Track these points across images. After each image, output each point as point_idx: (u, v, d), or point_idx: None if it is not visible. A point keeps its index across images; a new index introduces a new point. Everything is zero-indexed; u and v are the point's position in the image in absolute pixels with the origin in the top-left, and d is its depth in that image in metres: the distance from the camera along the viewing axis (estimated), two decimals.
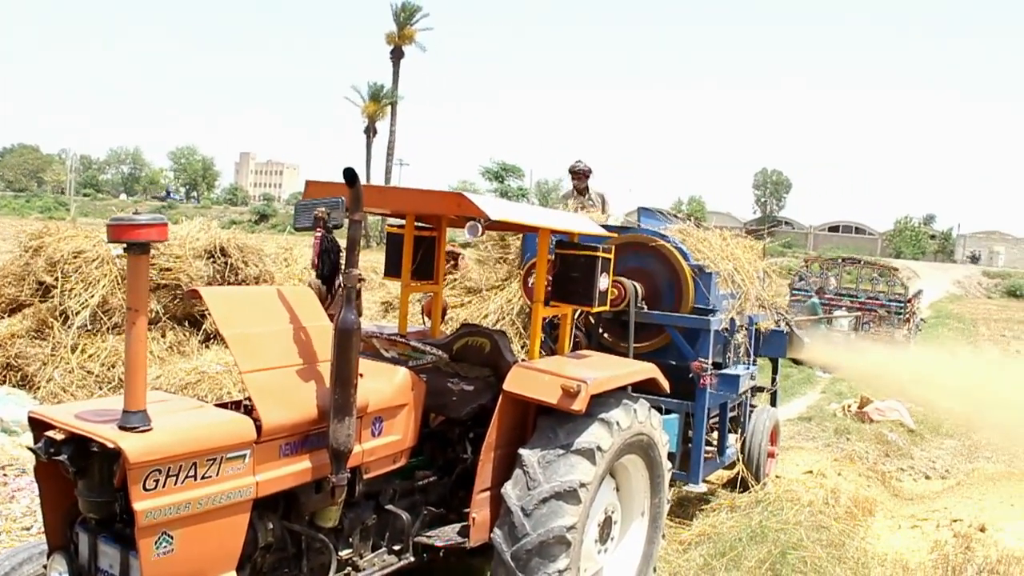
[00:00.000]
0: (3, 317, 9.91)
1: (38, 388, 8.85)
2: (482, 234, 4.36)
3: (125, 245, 3.15)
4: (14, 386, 9.08)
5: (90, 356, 9.19)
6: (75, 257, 9.82)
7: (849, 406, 12.75)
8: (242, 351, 3.72)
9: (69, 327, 9.33)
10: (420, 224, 5.52)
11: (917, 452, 11.23)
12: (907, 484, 9.93)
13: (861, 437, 11.01)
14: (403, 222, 5.46)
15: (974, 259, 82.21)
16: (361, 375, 3.83)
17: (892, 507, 8.84)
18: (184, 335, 9.92)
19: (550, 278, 5.01)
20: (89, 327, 9.40)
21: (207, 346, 9.90)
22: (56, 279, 9.67)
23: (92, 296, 9.55)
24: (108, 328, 9.51)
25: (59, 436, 3.29)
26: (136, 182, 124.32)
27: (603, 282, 4.95)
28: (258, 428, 3.60)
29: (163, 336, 9.67)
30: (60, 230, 10.55)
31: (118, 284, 9.69)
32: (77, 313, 9.37)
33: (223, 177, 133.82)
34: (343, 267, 3.80)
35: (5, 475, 6.96)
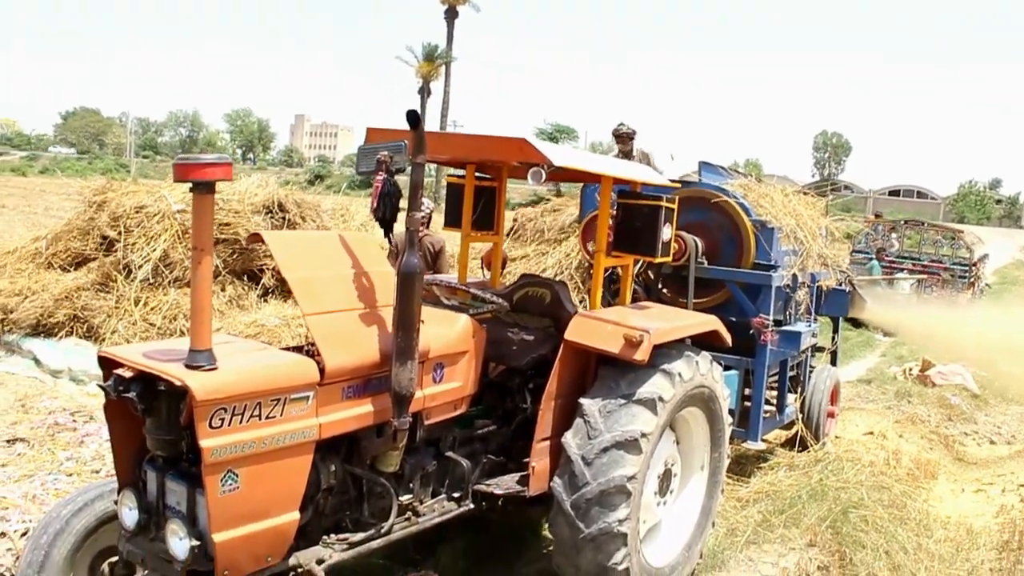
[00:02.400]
0: (69, 270, 10.13)
1: (103, 339, 9.03)
2: (545, 181, 4.29)
3: (191, 185, 3.16)
4: (81, 337, 9.30)
5: (152, 309, 9.34)
6: (137, 212, 9.95)
7: (910, 369, 12.49)
8: (305, 294, 3.73)
9: (132, 280, 9.48)
10: (480, 175, 5.48)
11: (981, 417, 10.95)
12: (971, 449, 9.71)
13: (923, 400, 10.78)
14: (463, 173, 5.42)
15: None
16: (422, 321, 3.82)
17: (955, 471, 8.66)
18: (243, 289, 10.03)
19: (612, 229, 4.94)
20: (151, 280, 9.55)
21: (266, 300, 10.02)
22: (119, 233, 9.82)
23: (154, 250, 9.69)
24: (169, 282, 9.65)
25: (128, 374, 3.33)
26: (194, 144, 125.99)
27: (666, 232, 4.87)
28: (321, 370, 3.62)
29: (223, 290, 9.78)
30: (122, 186, 10.73)
31: (179, 239, 9.82)
32: (139, 267, 9.51)
33: (278, 139, 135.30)
34: (405, 210, 3.77)
35: (75, 421, 7.15)
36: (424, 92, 62.97)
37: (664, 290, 7.09)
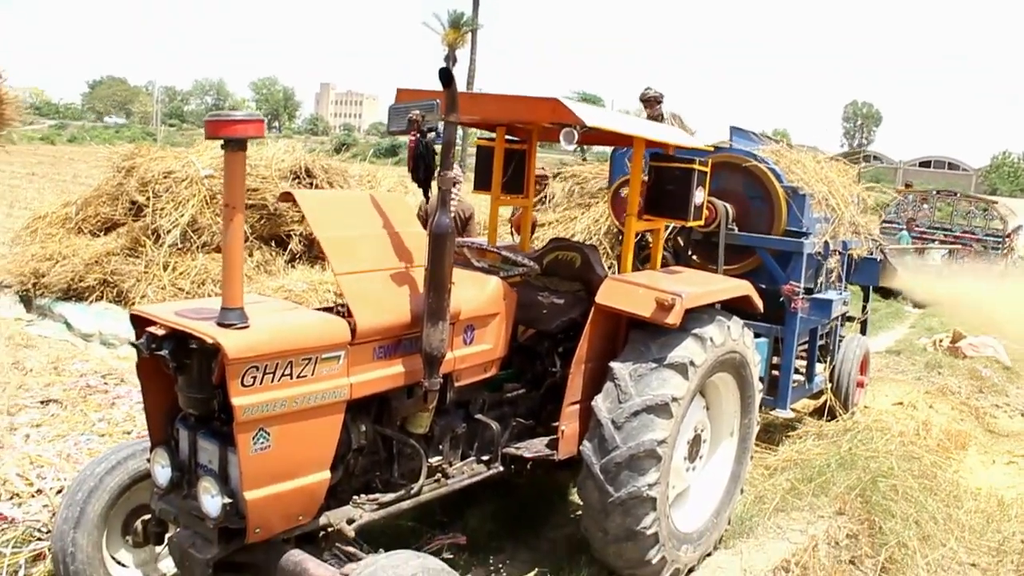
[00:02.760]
0: (99, 235, 10.20)
1: (132, 304, 9.08)
2: (576, 142, 4.23)
3: (222, 142, 3.14)
4: (110, 302, 9.38)
5: (181, 274, 9.39)
6: (165, 177, 9.99)
7: (940, 341, 12.37)
8: (336, 253, 3.71)
9: (161, 245, 9.54)
10: (510, 138, 5.42)
11: (1013, 389, 10.82)
12: (1002, 421, 9.61)
13: (953, 372, 10.68)
14: (493, 135, 5.37)
15: None
16: (453, 283, 3.80)
17: (986, 442, 8.59)
18: (271, 255, 10.06)
19: (643, 193, 4.88)
20: (179, 245, 9.60)
21: (293, 265, 10.05)
22: (148, 198, 9.87)
23: (182, 215, 9.73)
24: (197, 247, 9.70)
25: (160, 332, 3.33)
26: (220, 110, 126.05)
27: (699, 196, 4.81)
28: (352, 330, 3.61)
29: (250, 255, 9.81)
30: (151, 151, 10.76)
31: (207, 204, 9.86)
32: (168, 232, 9.56)
33: (304, 107, 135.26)
34: (438, 169, 3.74)
35: (106, 383, 7.21)
36: (450, 60, 62.58)
37: (694, 257, 7.02)
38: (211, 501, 3.40)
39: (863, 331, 9.23)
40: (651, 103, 9.17)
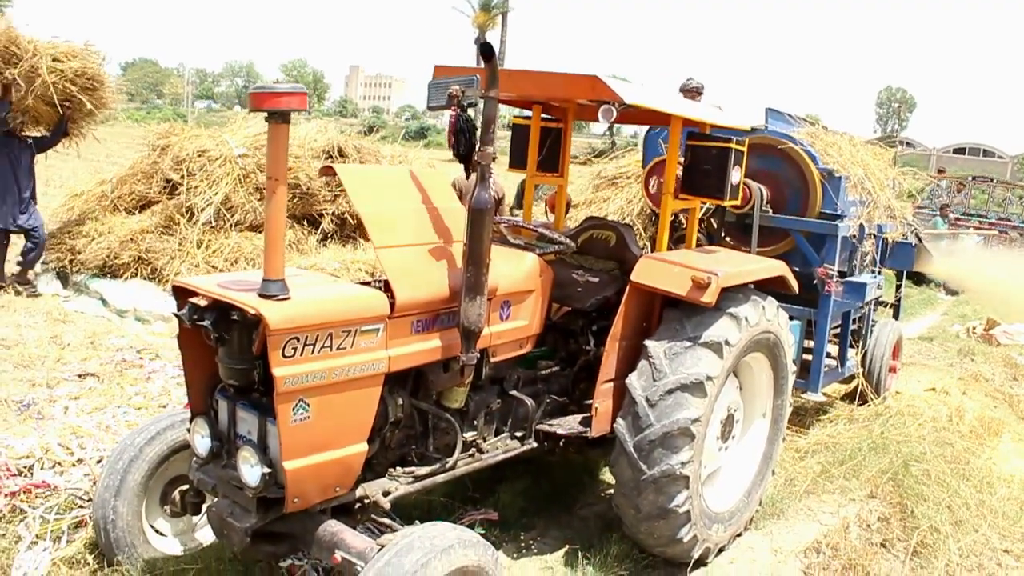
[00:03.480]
0: (134, 213, 10.31)
1: (166, 281, 9.20)
2: (615, 120, 4.23)
3: (266, 114, 3.16)
4: (145, 278, 9.48)
5: (214, 251, 9.49)
6: (199, 156, 10.09)
7: (974, 328, 12.24)
8: (376, 227, 3.74)
9: (194, 223, 9.64)
10: (545, 116, 5.42)
11: None
12: None
13: (987, 359, 10.56)
14: (529, 113, 5.37)
15: None
16: (490, 259, 3.81)
17: (1020, 430, 8.47)
18: (303, 234, 10.13)
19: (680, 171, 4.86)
20: (213, 223, 9.69)
21: (325, 245, 10.12)
22: (182, 177, 9.98)
23: (216, 194, 9.83)
24: (231, 225, 9.79)
25: (202, 303, 3.37)
26: None
27: (735, 175, 4.78)
28: (391, 304, 3.63)
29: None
30: (185, 130, 10.85)
31: (240, 183, 9.93)
32: (202, 210, 9.67)
33: (333, 90, 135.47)
34: (478, 145, 3.74)
35: (141, 358, 7.32)
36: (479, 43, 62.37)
37: (727, 238, 6.99)
38: (250, 471, 3.44)
39: (896, 316, 9.16)
40: (692, 93, 9.07)
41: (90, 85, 9.72)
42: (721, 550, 4.95)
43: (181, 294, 3.57)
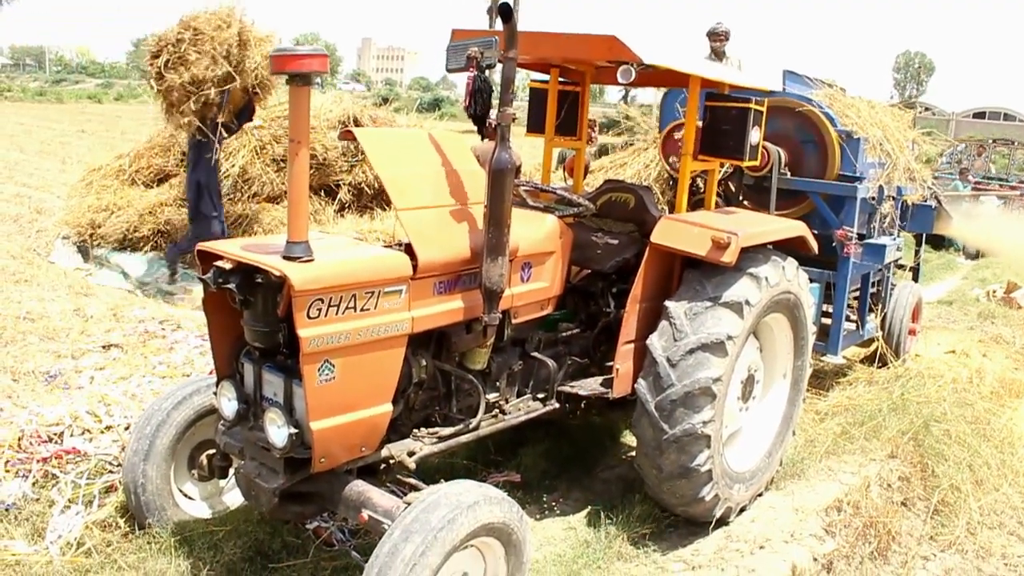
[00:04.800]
0: (152, 186, 10.36)
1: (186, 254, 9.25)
2: (634, 80, 4.21)
3: (287, 77, 3.18)
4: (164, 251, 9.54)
5: (232, 223, 9.53)
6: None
7: (994, 291, 12.15)
8: (397, 189, 3.75)
9: None
10: (563, 79, 5.40)
11: None
12: None
13: (1008, 322, 10.50)
14: (547, 78, 5.36)
15: None
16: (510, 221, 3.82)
17: None
18: (320, 204, 10.18)
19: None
20: (231, 195, 9.73)
21: (342, 215, 10.15)
22: None
23: (233, 166, 9.86)
24: (248, 196, 9.83)
25: (227, 266, 3.40)
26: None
27: (754, 135, 4.76)
28: (414, 265, 3.66)
29: None
30: None
31: (256, 154, 9.96)
32: (220, 182, 9.68)
33: (345, 63, 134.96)
34: (497, 106, 3.75)
35: (163, 329, 7.37)
36: (492, 13, 61.95)
37: (745, 202, 6.97)
38: (277, 432, 3.49)
39: (915, 279, 9.12)
40: (719, 38, 8.97)
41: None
42: (743, 510, 4.99)
43: (206, 258, 3.60)
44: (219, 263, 3.44)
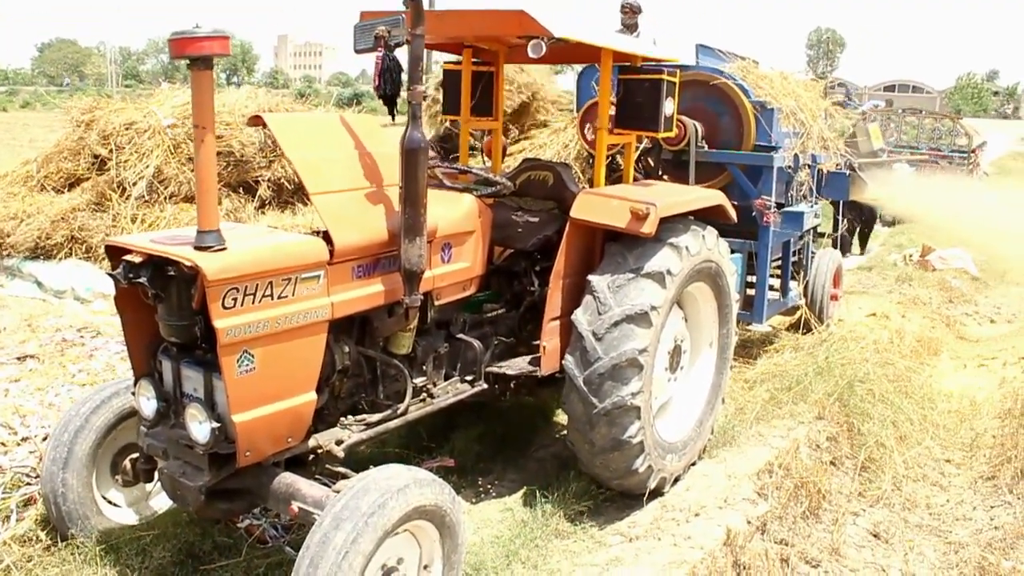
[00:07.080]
0: (63, 191, 9.99)
1: (102, 259, 8.96)
2: (545, 55, 4.20)
3: (188, 61, 3.08)
4: (80, 258, 9.24)
5: (149, 225, 9.25)
6: (127, 129, 9.77)
7: (911, 256, 12.53)
8: (310, 174, 3.68)
9: (127, 198, 9.36)
10: (476, 60, 5.36)
11: (981, 298, 11.04)
12: (972, 328, 9.81)
13: (924, 284, 10.83)
14: (460, 59, 5.31)
15: None
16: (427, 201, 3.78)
17: (957, 348, 8.76)
18: (240, 202, 9.94)
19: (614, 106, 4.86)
20: (146, 197, 9.45)
21: (263, 212, 9.94)
22: (110, 151, 9.67)
23: (147, 167, 9.56)
24: (165, 197, 9.55)
25: (137, 260, 3.30)
26: (177, 70, 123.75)
27: (668, 107, 4.79)
28: (331, 250, 3.60)
29: (219, 204, 9.67)
30: (110, 103, 10.53)
31: (171, 154, 9.70)
32: (134, 184, 9.38)
33: (262, 61, 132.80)
34: (407, 85, 3.70)
35: (82, 337, 7.16)
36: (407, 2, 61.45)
37: (664, 176, 7.03)
38: (199, 427, 3.41)
39: (840, 247, 9.32)
40: (630, 11, 8.92)
41: None
42: (677, 479, 5.04)
43: (115, 254, 3.49)
44: (128, 257, 3.33)
